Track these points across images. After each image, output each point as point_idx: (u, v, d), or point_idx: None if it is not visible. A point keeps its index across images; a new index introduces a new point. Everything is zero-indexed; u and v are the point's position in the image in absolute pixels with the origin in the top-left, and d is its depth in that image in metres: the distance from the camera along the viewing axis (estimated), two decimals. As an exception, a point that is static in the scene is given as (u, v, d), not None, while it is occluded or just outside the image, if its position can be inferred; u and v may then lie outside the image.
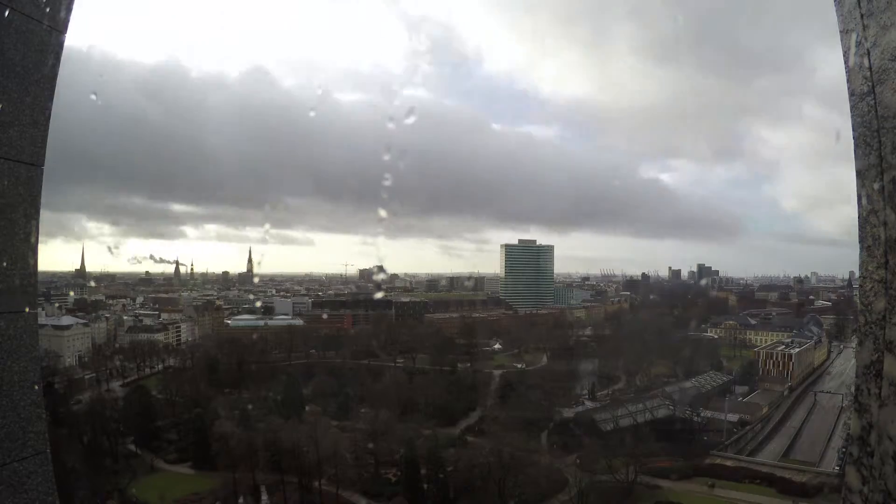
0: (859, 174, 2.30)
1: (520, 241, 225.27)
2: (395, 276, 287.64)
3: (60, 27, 2.53)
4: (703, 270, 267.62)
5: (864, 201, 2.28)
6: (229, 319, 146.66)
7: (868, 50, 2.16)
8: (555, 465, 60.42)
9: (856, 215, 2.37)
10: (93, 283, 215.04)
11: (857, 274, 2.51)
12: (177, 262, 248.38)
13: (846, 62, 2.30)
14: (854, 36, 2.24)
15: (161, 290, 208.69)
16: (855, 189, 2.34)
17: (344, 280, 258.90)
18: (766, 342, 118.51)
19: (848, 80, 2.32)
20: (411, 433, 65.18)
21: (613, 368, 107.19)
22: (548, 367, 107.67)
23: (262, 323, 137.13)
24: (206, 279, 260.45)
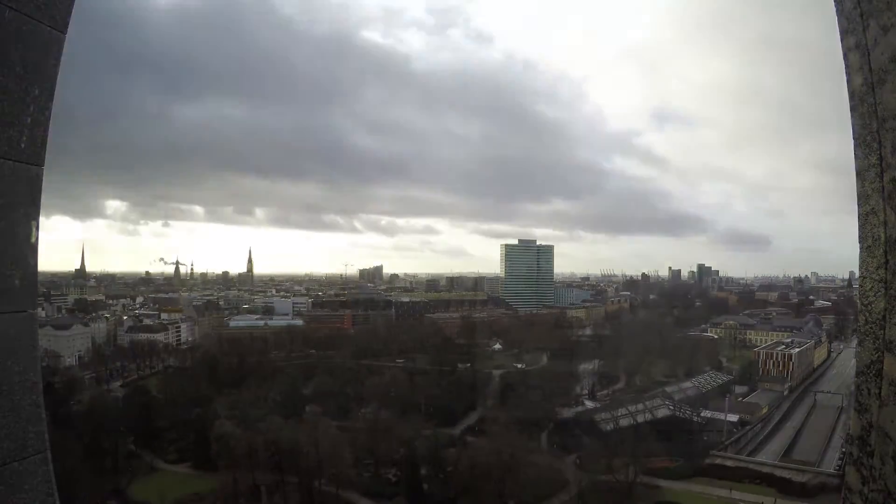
0: (859, 174, 2.30)
1: (520, 241, 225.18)
2: (395, 276, 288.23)
3: (60, 27, 2.53)
4: (703, 270, 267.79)
5: (864, 201, 2.28)
6: (229, 319, 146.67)
7: (868, 50, 2.16)
8: (555, 465, 60.42)
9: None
10: (93, 283, 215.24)
11: (857, 274, 2.51)
12: (177, 262, 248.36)
13: (846, 63, 2.30)
14: (854, 36, 2.24)
15: (161, 290, 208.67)
16: (855, 189, 2.34)
17: (344, 280, 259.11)
18: (766, 342, 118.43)
19: (848, 81, 2.32)
20: (411, 433, 65.16)
21: (613, 368, 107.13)
22: (548, 367, 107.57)
23: (262, 323, 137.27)
24: (206, 279, 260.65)
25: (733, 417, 78.69)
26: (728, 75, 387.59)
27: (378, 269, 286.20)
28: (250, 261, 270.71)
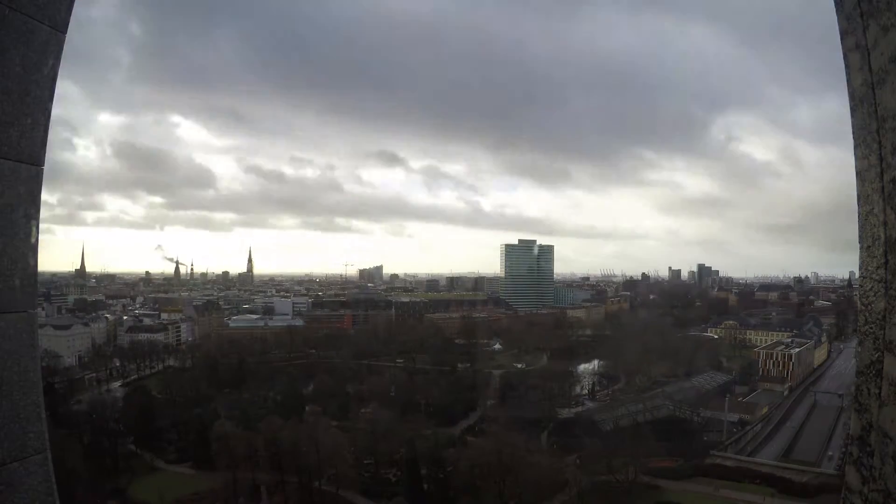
0: (859, 174, 2.30)
1: (520, 241, 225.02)
2: (395, 276, 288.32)
3: (60, 27, 2.53)
4: (703, 270, 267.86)
5: (864, 201, 2.28)
6: (229, 319, 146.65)
7: (868, 51, 2.16)
8: (555, 465, 60.34)
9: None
10: (93, 283, 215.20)
11: (857, 274, 2.51)
12: (177, 262, 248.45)
13: (846, 63, 2.30)
14: (854, 37, 2.24)
15: (161, 290, 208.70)
16: (855, 189, 2.34)
17: (344, 280, 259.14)
18: (766, 342, 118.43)
19: (848, 81, 2.31)
20: (411, 433, 65.15)
21: (613, 368, 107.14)
22: (548, 367, 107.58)
23: (262, 323, 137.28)
24: (206, 279, 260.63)
25: (733, 417, 78.63)
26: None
27: (378, 269, 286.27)
28: (250, 261, 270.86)
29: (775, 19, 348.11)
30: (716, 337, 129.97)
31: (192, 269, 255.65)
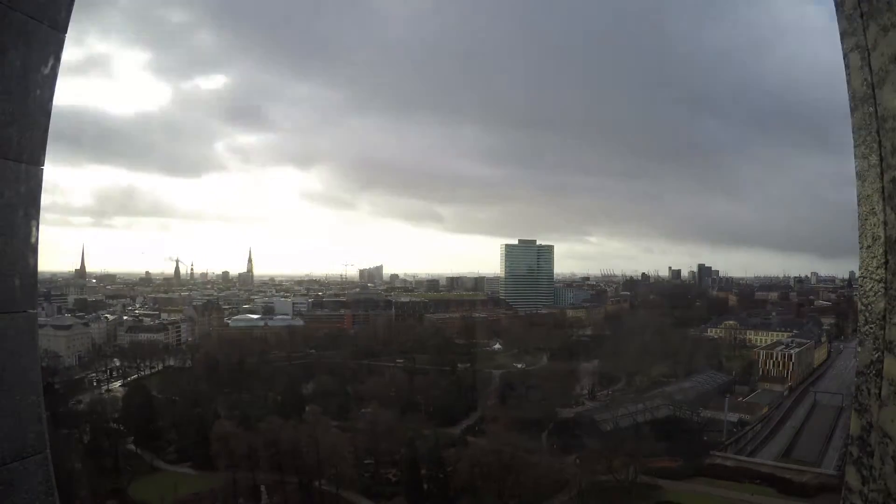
0: (859, 174, 2.30)
1: (520, 241, 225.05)
2: (395, 276, 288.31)
3: (60, 27, 2.54)
4: (703, 270, 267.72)
5: (864, 201, 2.28)
6: (229, 319, 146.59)
7: (868, 51, 2.17)
8: (555, 465, 60.40)
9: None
10: (93, 283, 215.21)
11: (857, 274, 2.51)
12: (177, 262, 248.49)
13: (846, 63, 2.30)
14: (854, 37, 2.24)
15: (161, 290, 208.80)
16: (855, 189, 2.34)
17: (344, 280, 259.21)
18: (766, 342, 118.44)
19: (848, 82, 2.31)
20: (411, 433, 65.20)
21: (613, 368, 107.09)
22: (548, 367, 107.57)
23: (262, 323, 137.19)
24: (206, 279, 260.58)
25: (733, 417, 78.67)
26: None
27: (378, 269, 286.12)
28: (250, 261, 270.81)
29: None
30: (716, 337, 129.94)
31: (192, 269, 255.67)
